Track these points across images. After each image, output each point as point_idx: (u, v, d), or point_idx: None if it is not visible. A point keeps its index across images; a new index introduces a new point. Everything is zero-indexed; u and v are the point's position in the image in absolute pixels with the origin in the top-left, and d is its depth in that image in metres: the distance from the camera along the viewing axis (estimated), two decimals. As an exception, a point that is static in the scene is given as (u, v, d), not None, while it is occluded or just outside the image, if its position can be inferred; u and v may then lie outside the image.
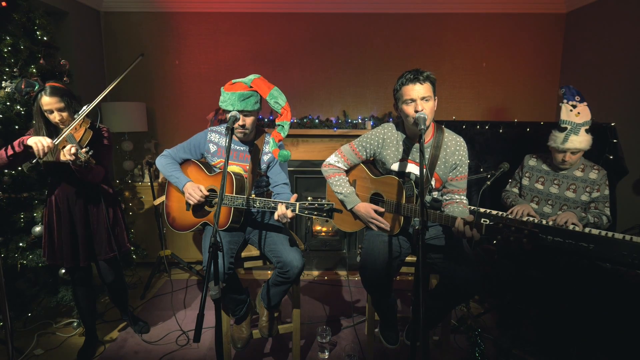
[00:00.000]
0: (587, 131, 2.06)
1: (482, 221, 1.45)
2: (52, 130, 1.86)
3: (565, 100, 2.12)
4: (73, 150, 1.66)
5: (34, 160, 1.69)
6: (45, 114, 1.80)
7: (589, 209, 2.14)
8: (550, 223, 2.03)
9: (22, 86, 1.74)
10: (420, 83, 1.58)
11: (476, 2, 3.31)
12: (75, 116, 1.80)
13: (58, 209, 1.93)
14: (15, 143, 1.72)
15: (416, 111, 1.58)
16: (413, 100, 1.59)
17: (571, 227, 1.96)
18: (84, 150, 1.69)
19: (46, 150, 1.68)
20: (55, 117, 1.79)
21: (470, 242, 2.16)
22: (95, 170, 1.86)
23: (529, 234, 1.33)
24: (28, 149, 1.69)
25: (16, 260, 2.15)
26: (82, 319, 2.19)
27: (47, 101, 1.76)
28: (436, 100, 1.64)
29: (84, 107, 1.81)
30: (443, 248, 1.71)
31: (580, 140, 2.04)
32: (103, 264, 2.07)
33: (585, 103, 2.11)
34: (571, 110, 2.08)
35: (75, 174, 1.82)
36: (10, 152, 1.72)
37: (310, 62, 3.46)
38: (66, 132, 1.72)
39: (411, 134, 1.74)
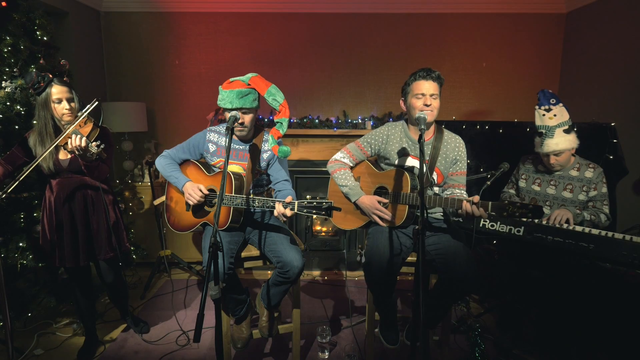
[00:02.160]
0: (566, 131, 2.07)
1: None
2: (56, 126, 1.88)
3: (537, 106, 2.17)
4: (83, 143, 1.68)
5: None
6: (53, 104, 1.82)
7: (587, 207, 2.14)
8: (549, 223, 2.03)
9: (34, 76, 1.78)
10: (432, 81, 1.72)
11: (476, 2, 3.31)
12: (78, 114, 1.82)
13: (56, 209, 1.93)
14: None
15: (425, 105, 1.70)
16: (423, 95, 1.72)
17: (565, 225, 1.96)
18: (94, 143, 1.71)
19: None
20: (63, 106, 1.83)
21: (471, 236, 2.16)
22: (102, 167, 1.89)
23: (534, 209, 1.43)
24: None
25: (16, 260, 2.15)
26: (81, 319, 2.19)
27: (58, 89, 1.82)
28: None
29: (87, 106, 1.83)
30: (443, 240, 1.74)
31: (556, 142, 2.06)
32: (103, 263, 2.07)
33: (560, 104, 2.12)
34: (544, 115, 2.12)
35: (84, 169, 1.84)
36: None
37: (310, 62, 3.46)
38: (70, 129, 1.74)
39: (414, 131, 1.85)
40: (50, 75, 1.82)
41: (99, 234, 2.01)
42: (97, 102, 1.80)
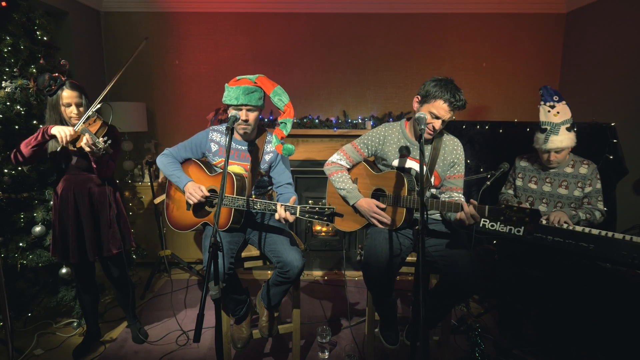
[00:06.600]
0: (568, 129, 2.10)
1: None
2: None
3: (542, 102, 2.18)
4: (90, 140, 1.73)
5: (59, 148, 1.80)
6: (63, 107, 1.86)
7: (582, 204, 2.15)
8: (544, 222, 2.03)
9: (47, 78, 1.81)
10: (454, 110, 1.67)
11: (476, 2, 3.31)
12: (88, 112, 1.85)
13: (62, 205, 1.95)
14: (39, 133, 1.78)
15: (434, 127, 1.68)
16: (438, 119, 1.67)
17: (565, 225, 1.97)
18: (102, 139, 1.76)
19: (69, 139, 1.77)
20: (72, 110, 1.86)
21: (471, 236, 2.17)
22: (110, 164, 1.91)
23: (531, 213, 1.38)
24: (52, 137, 1.79)
25: (16, 260, 2.15)
26: (85, 316, 2.19)
27: (68, 94, 1.85)
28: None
29: (98, 100, 1.89)
30: (444, 241, 1.73)
31: (561, 139, 2.08)
32: (108, 260, 2.08)
33: (564, 102, 2.15)
34: (549, 111, 2.13)
35: (93, 165, 1.89)
36: (34, 142, 1.78)
37: (310, 62, 3.45)
38: (80, 124, 1.80)
39: (413, 131, 1.82)
40: (63, 79, 1.85)
41: (103, 231, 2.02)
42: (146, 40, 1.97)
